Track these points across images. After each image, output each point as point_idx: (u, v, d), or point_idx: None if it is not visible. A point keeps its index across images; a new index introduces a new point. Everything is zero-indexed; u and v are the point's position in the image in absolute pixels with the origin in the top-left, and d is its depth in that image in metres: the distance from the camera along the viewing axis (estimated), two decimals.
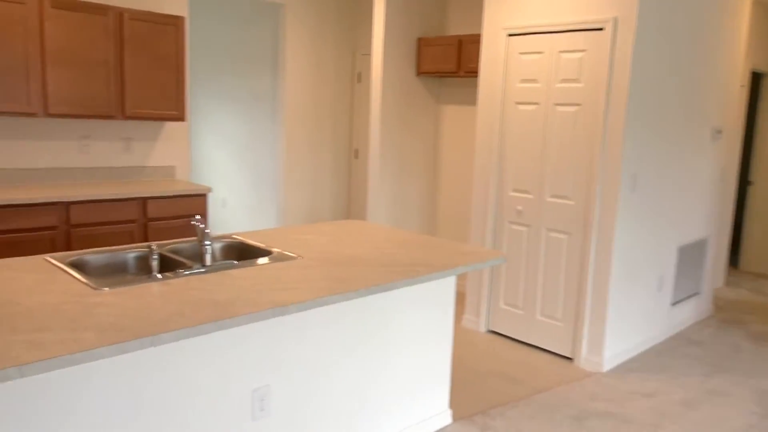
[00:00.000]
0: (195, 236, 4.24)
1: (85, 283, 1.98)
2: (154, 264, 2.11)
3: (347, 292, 2.04)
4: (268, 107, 6.05)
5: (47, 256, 2.28)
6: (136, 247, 2.48)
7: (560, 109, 3.81)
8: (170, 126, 4.80)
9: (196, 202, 4.37)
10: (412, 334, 2.71)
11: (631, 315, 3.96)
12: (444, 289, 2.83)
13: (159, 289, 1.95)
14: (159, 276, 2.09)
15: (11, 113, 3.75)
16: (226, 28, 6.45)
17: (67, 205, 3.78)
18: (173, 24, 4.39)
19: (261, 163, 6.18)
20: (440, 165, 5.42)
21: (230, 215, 6.64)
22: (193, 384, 1.97)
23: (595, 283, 3.73)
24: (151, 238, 4.17)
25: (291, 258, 2.44)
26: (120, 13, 4.12)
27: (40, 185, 4.10)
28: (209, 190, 4.44)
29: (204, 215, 4.43)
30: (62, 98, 3.93)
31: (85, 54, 3.99)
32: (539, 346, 4.07)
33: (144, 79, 4.28)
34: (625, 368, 3.82)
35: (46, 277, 2.03)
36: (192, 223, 2.26)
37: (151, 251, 2.11)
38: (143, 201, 4.11)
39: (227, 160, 6.64)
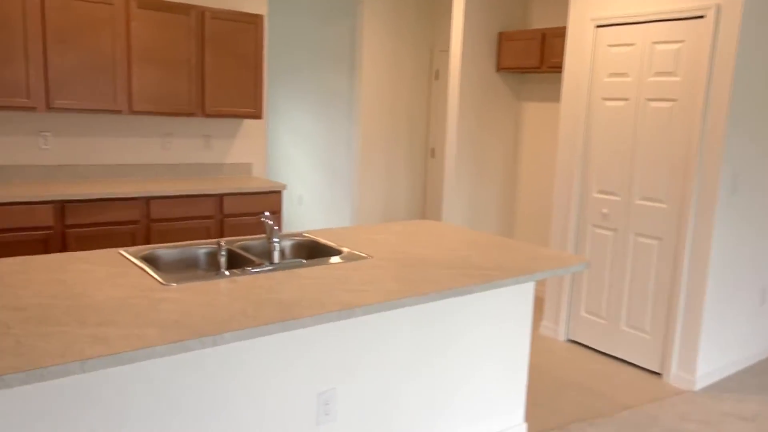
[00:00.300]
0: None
1: (154, 278, 1.97)
2: (222, 261, 2.08)
3: (417, 296, 1.93)
4: (344, 105, 6.03)
5: (122, 250, 2.31)
6: (207, 243, 2.48)
7: (653, 104, 3.53)
8: (248, 124, 4.85)
9: (271, 199, 4.39)
10: (486, 342, 2.56)
11: (729, 329, 3.63)
12: (521, 295, 2.66)
13: (225, 287, 1.92)
14: (226, 273, 2.05)
15: (99, 110, 3.89)
16: (305, 25, 6.50)
17: (148, 200, 3.88)
18: (253, 22, 4.43)
19: (336, 161, 6.18)
20: (520, 164, 5.21)
21: (306, 212, 6.69)
22: (256, 385, 1.92)
23: (689, 293, 3.44)
24: (227, 234, 4.22)
25: (361, 258, 2.35)
26: (202, 12, 4.19)
27: (123, 180, 4.24)
28: (284, 187, 4.45)
29: (279, 212, 4.45)
30: (146, 96, 4.04)
31: (168, 53, 4.09)
32: (624, 358, 3.81)
33: (223, 77, 4.34)
34: (721, 387, 3.50)
35: (118, 271, 2.04)
36: (261, 219, 2.22)
37: (219, 248, 2.08)
38: (220, 197, 4.16)
39: (304, 158, 6.68)
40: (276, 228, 2.20)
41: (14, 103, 3.60)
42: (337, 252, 2.47)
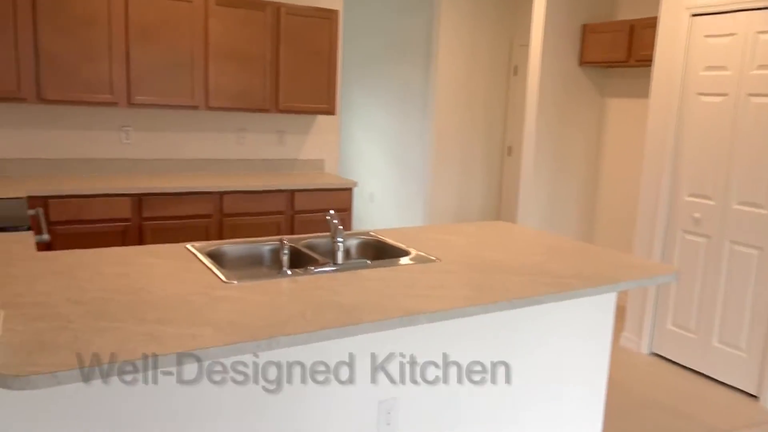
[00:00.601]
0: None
1: (217, 275, 1.93)
2: (285, 259, 2.02)
3: (486, 304, 1.80)
4: (419, 100, 5.92)
5: (189, 245, 2.30)
6: (272, 240, 2.43)
7: (755, 100, 3.22)
8: (321, 119, 4.84)
9: (342, 195, 4.35)
10: (561, 354, 2.39)
11: None
12: (602, 305, 2.47)
13: (285, 287, 1.85)
14: (288, 272, 1.99)
15: (178, 106, 3.96)
16: (380, 17, 6.43)
17: (221, 195, 3.92)
18: (327, 18, 4.40)
19: (410, 157, 6.08)
20: (602, 165, 4.92)
21: (378, 210, 6.63)
22: (314, 390, 1.85)
23: None
24: (297, 230, 4.21)
25: (429, 260, 2.24)
26: (277, 8, 4.19)
27: (199, 175, 4.31)
28: (355, 184, 4.40)
29: (349, 209, 4.40)
30: (222, 92, 4.08)
31: (244, 49, 4.11)
32: (714, 377, 3.50)
33: (297, 73, 4.33)
34: None
35: (182, 266, 2.02)
36: (327, 218, 2.15)
37: (281, 245, 2.02)
38: (291, 193, 4.16)
39: (377, 154, 6.63)
40: (340, 227, 2.13)
41: (98, 98, 3.72)
42: (404, 253, 2.37)
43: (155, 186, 3.70)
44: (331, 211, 2.18)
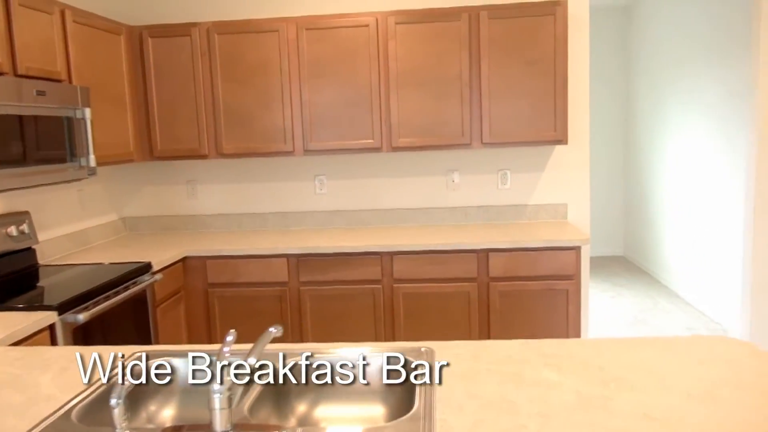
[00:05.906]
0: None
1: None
2: (115, 413, 1.14)
3: None
4: (738, 116, 4.02)
5: (120, 350, 1.64)
6: (205, 350, 1.57)
7: None
8: (560, 151, 3.60)
9: (563, 258, 3.06)
10: None
11: None
12: None
13: None
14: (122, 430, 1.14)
15: (354, 150, 3.37)
16: (683, 9, 4.68)
17: (392, 256, 3.14)
18: (550, 14, 3.23)
19: (719, 202, 4.16)
20: None
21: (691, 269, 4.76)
22: None
23: None
24: (496, 311, 3.10)
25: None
26: (477, 13, 3.25)
27: (387, 227, 3.59)
28: (585, 241, 3.05)
29: (575, 279, 3.07)
30: (407, 128, 3.32)
31: (433, 71, 3.28)
32: None
33: (506, 92, 3.27)
34: None
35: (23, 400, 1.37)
36: (271, 330, 1.19)
37: (122, 370, 1.16)
38: (485, 254, 3.10)
39: (682, 192, 4.80)
40: (228, 346, 1.16)
41: (272, 148, 3.40)
42: (408, 404, 1.24)
43: (310, 246, 3.16)
44: (228, 336, 1.21)
